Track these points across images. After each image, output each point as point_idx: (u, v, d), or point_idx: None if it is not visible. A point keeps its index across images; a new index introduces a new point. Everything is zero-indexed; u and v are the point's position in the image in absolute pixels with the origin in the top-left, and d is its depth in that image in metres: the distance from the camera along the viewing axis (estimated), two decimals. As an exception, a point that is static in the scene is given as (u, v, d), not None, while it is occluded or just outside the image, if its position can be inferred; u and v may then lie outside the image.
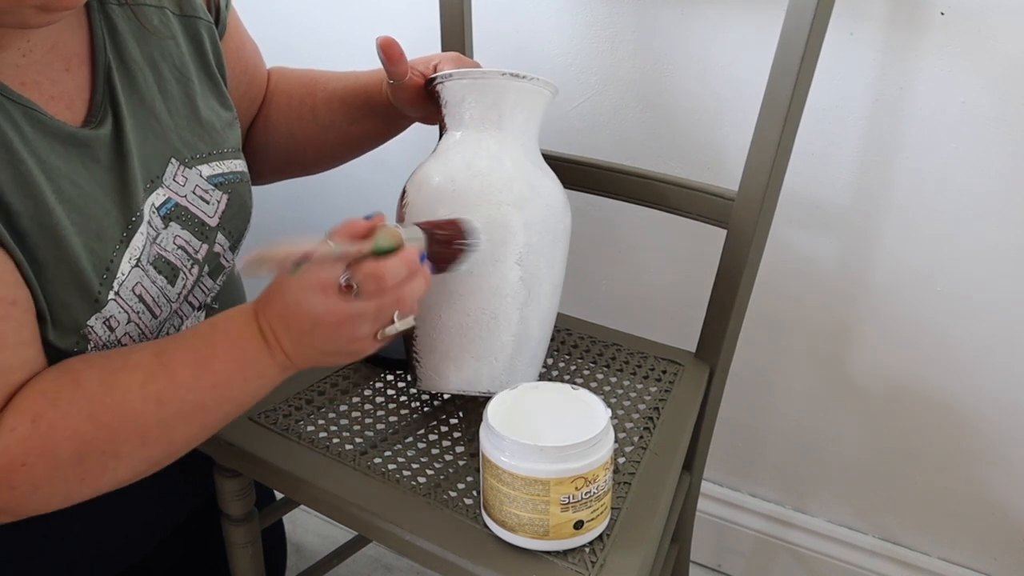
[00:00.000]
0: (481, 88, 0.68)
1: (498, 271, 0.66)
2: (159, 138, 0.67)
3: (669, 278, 1.06)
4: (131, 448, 0.56)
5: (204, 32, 0.72)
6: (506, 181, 0.66)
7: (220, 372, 0.57)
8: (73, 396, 0.55)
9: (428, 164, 0.69)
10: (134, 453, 0.56)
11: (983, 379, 0.91)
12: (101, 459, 0.55)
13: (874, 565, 1.05)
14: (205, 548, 0.87)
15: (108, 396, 0.55)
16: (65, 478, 0.55)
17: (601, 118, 1.01)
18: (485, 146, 0.68)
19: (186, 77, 0.70)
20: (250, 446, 0.69)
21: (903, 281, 0.92)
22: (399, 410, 0.76)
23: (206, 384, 0.57)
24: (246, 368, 0.58)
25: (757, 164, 0.74)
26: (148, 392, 0.56)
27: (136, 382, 0.56)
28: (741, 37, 0.90)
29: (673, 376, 0.81)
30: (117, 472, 0.57)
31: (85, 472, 0.55)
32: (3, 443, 0.53)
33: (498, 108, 0.68)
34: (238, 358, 0.58)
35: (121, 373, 0.56)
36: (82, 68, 0.63)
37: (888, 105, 0.86)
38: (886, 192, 0.89)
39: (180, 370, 0.57)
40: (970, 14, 0.79)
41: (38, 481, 0.54)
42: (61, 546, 0.70)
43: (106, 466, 0.56)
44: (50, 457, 0.53)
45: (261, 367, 0.58)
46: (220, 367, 0.57)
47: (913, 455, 0.98)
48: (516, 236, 0.66)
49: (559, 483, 0.55)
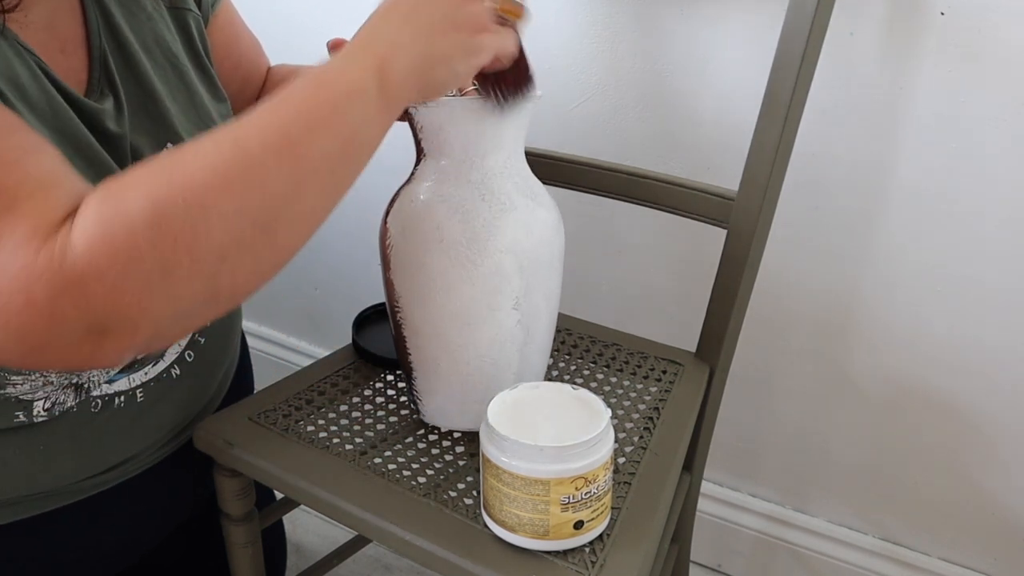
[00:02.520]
0: (460, 117, 0.62)
1: (495, 320, 0.64)
2: (156, 121, 0.67)
3: (669, 278, 1.06)
4: (217, 196, 0.46)
5: (193, 23, 0.73)
6: (497, 225, 0.62)
7: (299, 99, 0.48)
8: (141, 169, 0.47)
9: (408, 201, 0.64)
10: (222, 202, 0.46)
11: (983, 379, 0.91)
12: (185, 212, 0.45)
13: (874, 565, 1.05)
14: (205, 548, 0.87)
15: (179, 155, 0.47)
16: (152, 242, 0.44)
17: (601, 118, 1.01)
18: (469, 180, 0.63)
19: (181, 64, 0.70)
20: (250, 446, 0.69)
21: (903, 281, 0.92)
22: (399, 410, 0.76)
23: (287, 116, 0.48)
24: (332, 86, 0.49)
25: (757, 164, 0.74)
26: (222, 139, 0.47)
27: (208, 139, 0.48)
28: (741, 37, 0.90)
29: (673, 376, 0.81)
30: (211, 231, 0.46)
31: (172, 232, 0.45)
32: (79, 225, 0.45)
33: (481, 136, 0.62)
34: (320, 77, 0.49)
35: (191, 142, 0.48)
36: (78, 51, 0.63)
37: (888, 105, 0.86)
38: (886, 192, 0.89)
39: (257, 115, 0.48)
40: (970, 14, 0.79)
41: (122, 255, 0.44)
42: (61, 546, 0.70)
43: (194, 221, 0.45)
44: (126, 221, 0.44)
45: (350, 81, 0.49)
46: (299, 93, 0.49)
47: (913, 455, 0.98)
48: (512, 282, 0.63)
49: (559, 483, 0.55)
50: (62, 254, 0.44)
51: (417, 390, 0.71)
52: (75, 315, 0.44)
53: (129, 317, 0.45)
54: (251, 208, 0.47)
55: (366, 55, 0.50)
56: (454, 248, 0.62)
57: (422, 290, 0.64)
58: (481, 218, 0.62)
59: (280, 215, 0.48)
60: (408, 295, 0.66)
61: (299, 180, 0.48)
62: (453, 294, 0.64)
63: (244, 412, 0.74)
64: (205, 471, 0.74)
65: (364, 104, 0.50)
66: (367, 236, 1.28)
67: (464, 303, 0.64)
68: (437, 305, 0.64)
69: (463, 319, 0.65)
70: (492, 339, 0.65)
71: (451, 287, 0.63)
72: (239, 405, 0.75)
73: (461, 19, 0.51)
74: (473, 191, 0.63)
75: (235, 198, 0.46)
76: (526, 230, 0.63)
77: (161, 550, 0.82)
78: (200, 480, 0.79)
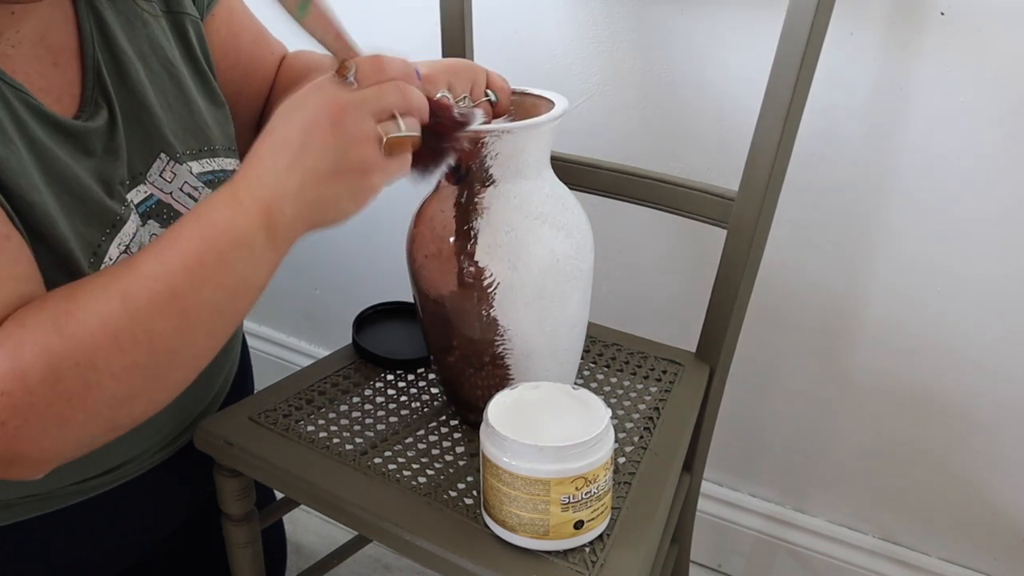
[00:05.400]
0: (537, 136, 0.61)
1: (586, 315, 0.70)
2: (148, 132, 0.66)
3: (669, 278, 1.06)
4: (107, 355, 0.49)
5: (190, 27, 0.72)
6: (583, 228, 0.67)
7: (186, 250, 0.49)
8: (39, 310, 0.49)
9: (504, 232, 0.62)
10: (112, 360, 0.49)
11: (983, 379, 0.91)
12: (77, 372, 0.48)
13: (874, 565, 1.05)
14: (205, 548, 0.87)
15: (71, 303, 0.49)
16: (50, 403, 0.48)
17: (601, 118, 1.01)
18: (544, 192, 0.64)
19: (177, 71, 0.70)
20: (250, 446, 0.69)
21: (903, 281, 0.92)
22: (399, 410, 0.76)
23: (173, 268, 0.49)
24: (218, 238, 0.50)
25: (757, 164, 0.74)
26: (111, 291, 0.49)
27: (100, 285, 0.50)
28: (741, 37, 0.90)
29: (673, 376, 0.81)
30: (104, 387, 0.49)
31: (66, 392, 0.48)
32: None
33: (518, 156, 0.62)
34: (204, 230, 0.50)
35: (86, 282, 0.50)
36: (71, 63, 0.63)
37: (888, 105, 0.86)
38: (886, 192, 0.89)
39: (144, 261, 0.50)
40: (970, 14, 0.79)
41: (20, 410, 0.47)
42: (60, 548, 0.70)
43: (87, 381, 0.48)
44: (22, 378, 0.47)
45: (236, 232, 0.50)
46: (184, 244, 0.49)
47: (913, 455, 0.98)
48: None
49: (559, 483, 0.55)
50: None
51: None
52: None
53: (31, 457, 0.49)
54: (140, 362, 0.49)
55: (253, 201, 0.50)
56: (567, 263, 0.64)
57: (538, 314, 0.65)
58: (569, 226, 0.65)
59: (170, 363, 0.51)
60: (520, 325, 0.64)
61: (186, 330, 0.50)
62: (568, 306, 0.66)
63: (244, 412, 0.74)
64: (205, 472, 0.74)
65: (250, 253, 0.51)
66: (367, 236, 1.28)
67: (573, 310, 0.67)
68: (553, 320, 0.65)
69: (571, 323, 0.67)
70: (585, 326, 0.70)
71: (566, 299, 0.65)
72: (239, 405, 0.75)
73: (348, 164, 0.50)
74: (552, 202, 0.65)
75: (125, 355, 0.49)
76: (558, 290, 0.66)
77: (161, 551, 0.82)
78: (200, 481, 0.79)
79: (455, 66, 0.67)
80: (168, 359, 0.51)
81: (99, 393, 0.49)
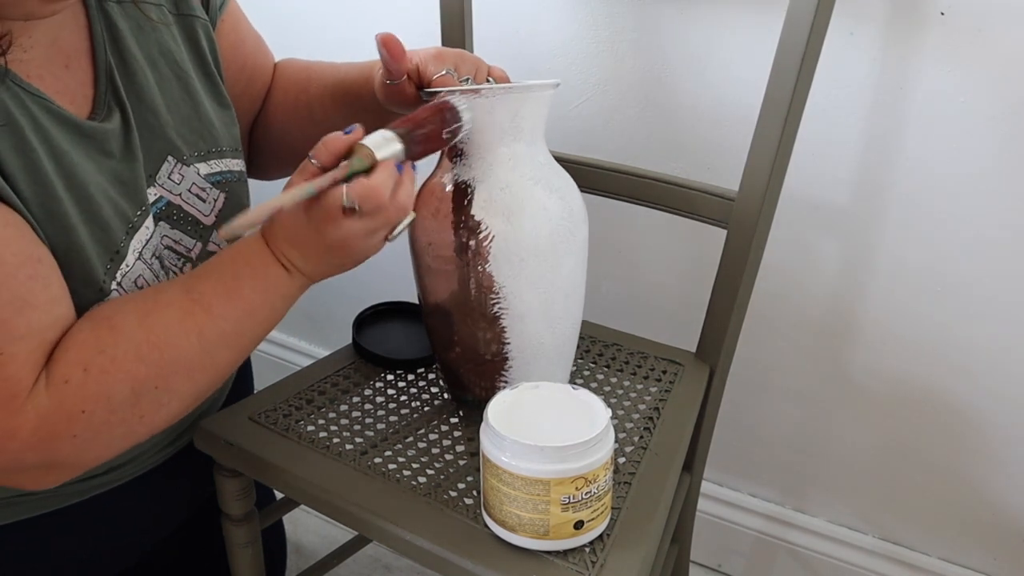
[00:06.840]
0: (487, 105, 0.63)
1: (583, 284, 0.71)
2: (156, 135, 0.67)
3: (669, 278, 1.06)
4: (181, 381, 0.59)
5: (200, 30, 0.72)
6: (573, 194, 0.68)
7: (249, 299, 0.60)
8: (116, 341, 0.56)
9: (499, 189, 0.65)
10: (184, 386, 0.59)
11: (983, 379, 0.91)
12: (155, 396, 0.57)
13: (874, 565, 1.05)
14: (205, 548, 0.87)
15: (151, 335, 0.57)
16: (124, 420, 0.57)
17: (601, 118, 1.01)
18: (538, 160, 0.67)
19: (185, 74, 0.70)
20: (250, 446, 0.69)
21: (903, 281, 0.92)
22: (399, 410, 0.76)
23: (239, 312, 0.60)
24: (271, 292, 0.61)
25: (757, 164, 0.74)
26: (188, 327, 0.58)
27: (174, 319, 0.58)
28: (741, 37, 0.90)
29: (673, 376, 0.81)
30: (171, 407, 0.59)
31: (142, 411, 0.57)
32: (59, 395, 0.54)
33: (513, 120, 0.64)
34: (263, 286, 0.61)
35: (156, 313, 0.58)
36: (83, 65, 0.63)
37: (888, 105, 0.86)
38: (886, 192, 0.89)
39: (214, 303, 0.59)
40: (970, 14, 0.79)
41: (98, 427, 0.55)
42: (60, 547, 0.70)
43: (160, 402, 0.58)
44: (106, 400, 0.55)
45: (284, 290, 0.62)
46: (248, 294, 0.60)
47: (913, 455, 0.98)
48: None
49: (559, 483, 0.55)
50: (38, 418, 0.53)
51: (509, 380, 0.70)
52: (35, 461, 0.55)
53: (84, 464, 0.58)
54: (203, 385, 0.61)
55: (295, 274, 0.62)
56: (560, 222, 0.65)
57: (532, 273, 0.66)
58: (563, 190, 0.67)
59: (218, 383, 0.63)
60: (514, 282, 0.66)
61: (239, 357, 0.63)
62: (561, 268, 0.67)
63: (244, 412, 0.74)
64: (205, 472, 0.74)
65: (291, 303, 0.64)
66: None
67: (567, 276, 0.68)
68: (547, 283, 0.66)
69: (565, 291, 0.68)
70: (582, 302, 0.72)
71: (559, 261, 0.66)
72: (239, 405, 0.75)
73: (362, 257, 0.62)
74: (546, 169, 0.68)
75: (194, 382, 0.60)
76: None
77: (161, 550, 0.82)
78: (200, 481, 0.79)
79: (463, 54, 0.71)
80: (220, 380, 0.62)
81: (166, 412, 0.59)
